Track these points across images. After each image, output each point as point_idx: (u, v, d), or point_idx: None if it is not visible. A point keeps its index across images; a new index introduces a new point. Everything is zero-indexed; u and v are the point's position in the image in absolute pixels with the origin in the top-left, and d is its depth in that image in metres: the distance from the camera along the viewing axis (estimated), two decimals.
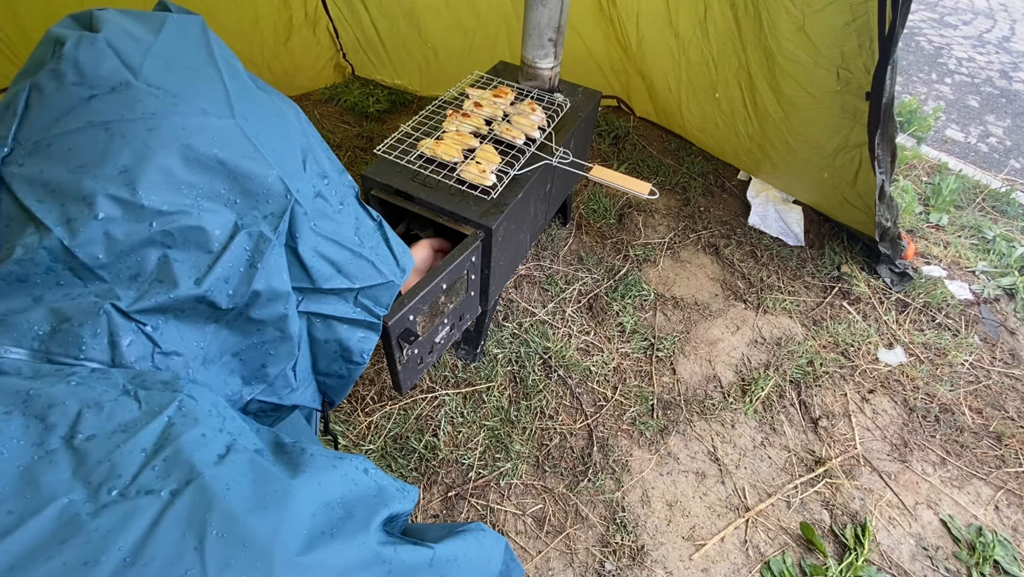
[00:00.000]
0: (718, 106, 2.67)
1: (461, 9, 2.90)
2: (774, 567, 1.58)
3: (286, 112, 0.94)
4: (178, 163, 0.76)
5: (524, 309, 2.18)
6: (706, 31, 2.45)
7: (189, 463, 0.58)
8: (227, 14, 2.77)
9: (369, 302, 1.03)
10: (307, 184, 0.91)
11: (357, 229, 1.01)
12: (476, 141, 1.72)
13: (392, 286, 1.05)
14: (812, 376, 2.06)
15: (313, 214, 0.92)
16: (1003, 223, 2.82)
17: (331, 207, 0.96)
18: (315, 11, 3.00)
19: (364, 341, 1.04)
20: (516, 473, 1.72)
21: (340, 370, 1.05)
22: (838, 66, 2.01)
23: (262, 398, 0.96)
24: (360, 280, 0.99)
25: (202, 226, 0.76)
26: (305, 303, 0.95)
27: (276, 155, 0.86)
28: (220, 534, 0.52)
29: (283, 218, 0.85)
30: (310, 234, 0.91)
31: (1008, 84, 4.25)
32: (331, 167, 1.00)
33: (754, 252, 2.53)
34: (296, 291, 0.92)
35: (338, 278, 0.96)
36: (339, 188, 1.01)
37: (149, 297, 0.72)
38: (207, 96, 0.81)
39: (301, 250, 0.89)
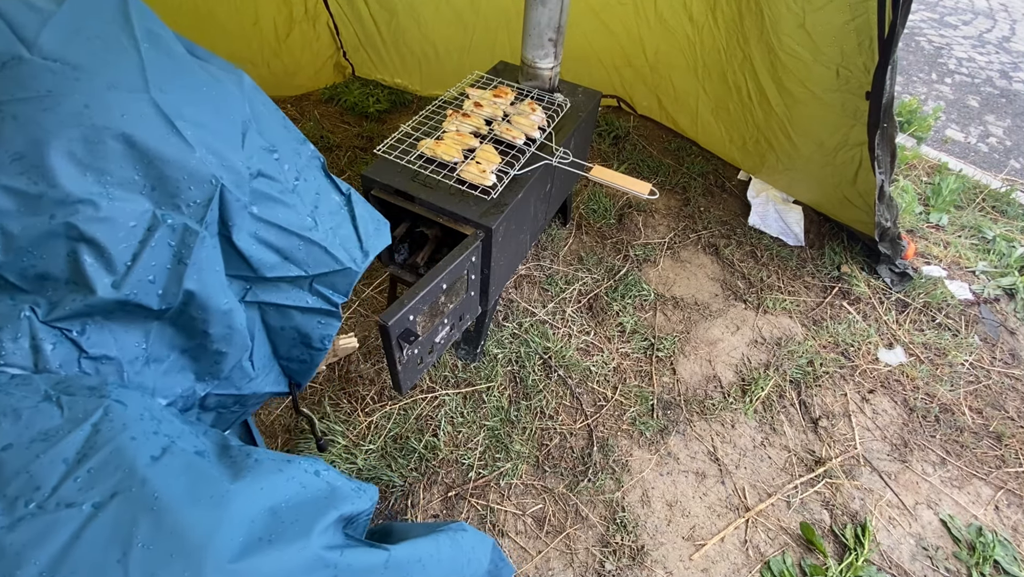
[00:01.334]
0: (731, 92, 2.64)
1: (461, 4, 2.90)
2: (774, 567, 1.58)
3: (223, 81, 0.84)
4: (80, 146, 0.67)
5: (524, 309, 2.18)
6: (715, 19, 2.45)
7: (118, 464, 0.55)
8: (227, 13, 2.77)
9: (326, 289, 0.96)
10: (243, 164, 0.81)
11: (315, 208, 0.93)
12: (476, 141, 1.72)
13: (350, 273, 0.96)
14: (812, 376, 2.06)
15: (252, 197, 0.83)
16: (1003, 223, 2.82)
17: (280, 185, 0.87)
18: (315, 7, 3.00)
19: (324, 327, 0.99)
20: (516, 473, 1.72)
21: (302, 355, 1.00)
22: (838, 64, 2.02)
23: (219, 392, 0.92)
24: (313, 267, 0.91)
25: (112, 217, 0.67)
26: (253, 292, 0.88)
27: (202, 132, 0.77)
28: (146, 545, 0.49)
29: (209, 206, 0.76)
30: (248, 220, 0.82)
31: (1008, 84, 4.24)
32: (285, 138, 0.90)
33: (754, 252, 2.53)
34: (241, 280, 0.85)
35: (285, 266, 0.88)
36: (295, 161, 0.91)
37: (64, 305, 0.66)
38: (117, 68, 0.71)
39: (237, 239, 0.81)
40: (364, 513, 0.79)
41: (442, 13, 2.94)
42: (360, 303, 2.14)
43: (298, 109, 3.09)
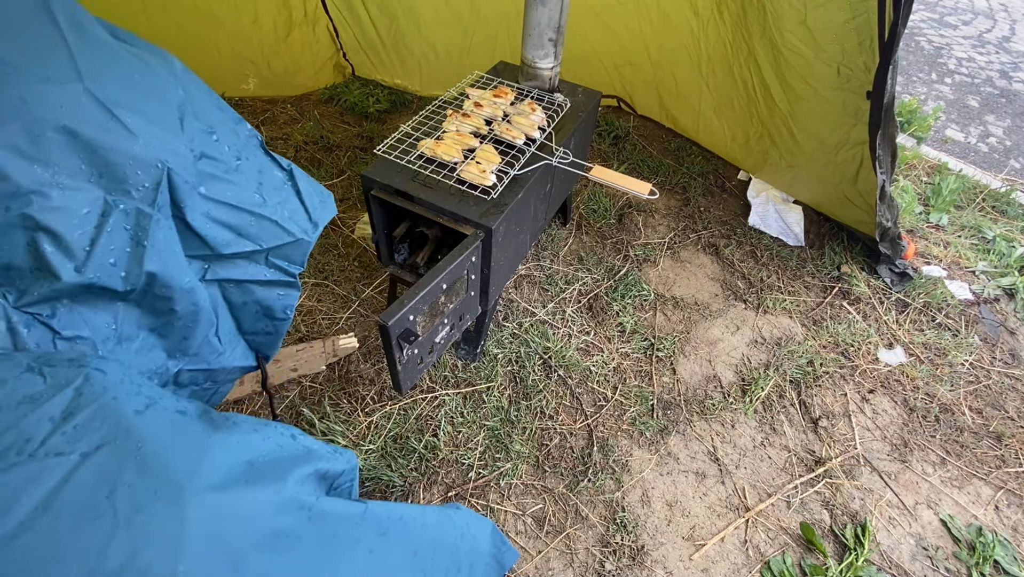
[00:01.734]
0: (736, 86, 2.63)
1: (461, 6, 2.90)
2: (774, 567, 1.58)
3: (155, 67, 0.86)
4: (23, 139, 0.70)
5: (524, 309, 2.18)
6: (721, 13, 2.45)
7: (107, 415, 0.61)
8: (227, 13, 2.77)
9: (281, 261, 1.00)
10: (185, 146, 0.85)
11: (260, 185, 0.96)
12: (476, 141, 1.72)
13: (303, 244, 1.01)
14: (812, 376, 2.06)
15: (199, 178, 0.86)
16: (1003, 223, 2.82)
17: (223, 165, 0.91)
18: (315, 11, 3.00)
19: (284, 298, 1.04)
20: (516, 473, 1.72)
21: (266, 328, 1.05)
22: (839, 63, 2.02)
23: (191, 367, 0.96)
24: (266, 241, 0.95)
25: (65, 206, 0.71)
26: (212, 270, 0.92)
27: (141, 119, 0.80)
28: (131, 485, 0.55)
29: (159, 190, 0.80)
30: (199, 200, 0.86)
31: (1008, 84, 4.24)
32: (222, 119, 0.94)
33: (754, 252, 2.53)
34: (199, 259, 0.90)
35: (240, 242, 0.92)
36: (233, 142, 0.95)
37: (32, 291, 0.71)
38: (47, 60, 0.74)
39: (191, 219, 0.85)
40: (344, 476, 0.82)
41: (442, 16, 2.94)
42: (360, 303, 2.14)
43: (298, 109, 3.09)
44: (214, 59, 2.86)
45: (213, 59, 2.86)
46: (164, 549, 0.53)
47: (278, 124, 2.96)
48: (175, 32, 2.70)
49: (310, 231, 1.03)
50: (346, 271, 2.25)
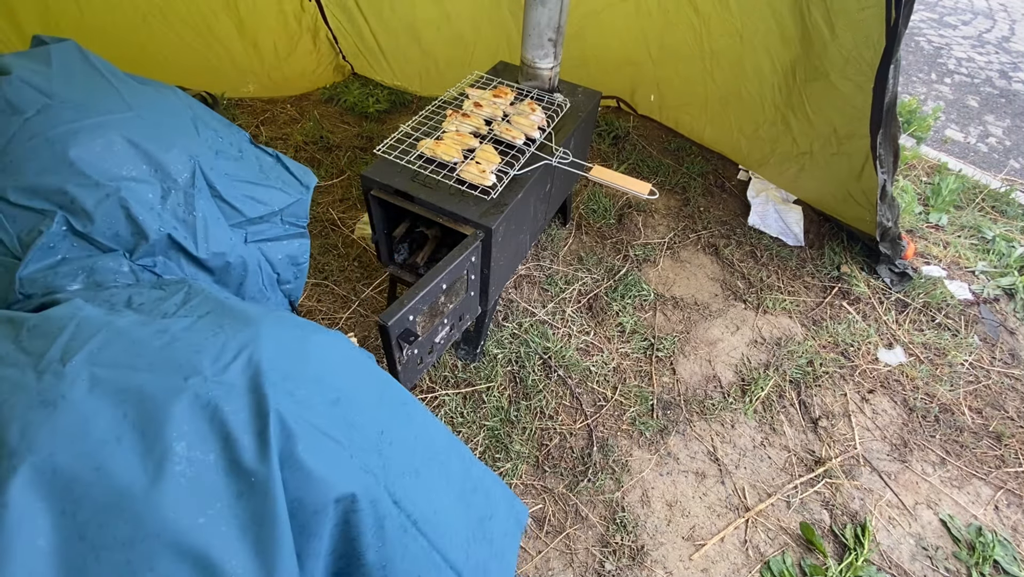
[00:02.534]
0: (747, 75, 2.61)
1: (462, 24, 2.90)
2: (774, 567, 1.58)
3: (168, 95, 1.27)
4: (105, 151, 1.05)
5: (524, 309, 2.18)
6: (727, 3, 2.44)
7: (207, 299, 0.95)
8: (226, 29, 2.77)
9: (292, 218, 1.39)
10: (204, 146, 1.23)
11: (260, 167, 1.34)
12: (476, 141, 1.72)
13: (303, 201, 1.40)
14: (812, 376, 2.06)
15: (221, 167, 1.24)
16: (1003, 223, 2.82)
17: (232, 156, 1.29)
18: (314, 23, 3.00)
19: (302, 247, 1.44)
20: (516, 473, 1.72)
21: (295, 275, 1.46)
22: (849, 51, 2.02)
23: None
24: (276, 203, 1.33)
25: (142, 192, 1.08)
26: (250, 235, 1.29)
27: (172, 130, 1.18)
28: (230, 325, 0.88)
29: (195, 176, 1.17)
30: (228, 181, 1.24)
31: (1008, 84, 4.25)
32: (220, 125, 1.33)
33: (754, 252, 2.53)
34: (238, 227, 1.27)
35: (260, 207, 1.29)
36: (234, 140, 1.33)
37: (138, 249, 1.10)
38: (106, 98, 1.12)
39: (226, 195, 1.23)
40: None
41: (443, 33, 2.95)
42: (360, 303, 2.14)
43: (298, 109, 3.09)
44: (214, 67, 2.87)
45: (213, 67, 2.87)
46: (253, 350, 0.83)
47: (278, 124, 2.96)
48: (176, 43, 2.71)
49: (304, 192, 1.40)
50: (346, 271, 2.25)
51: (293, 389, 0.82)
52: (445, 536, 0.97)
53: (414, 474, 0.95)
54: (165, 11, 2.61)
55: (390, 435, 0.94)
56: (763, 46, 2.45)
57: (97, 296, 0.96)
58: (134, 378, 0.76)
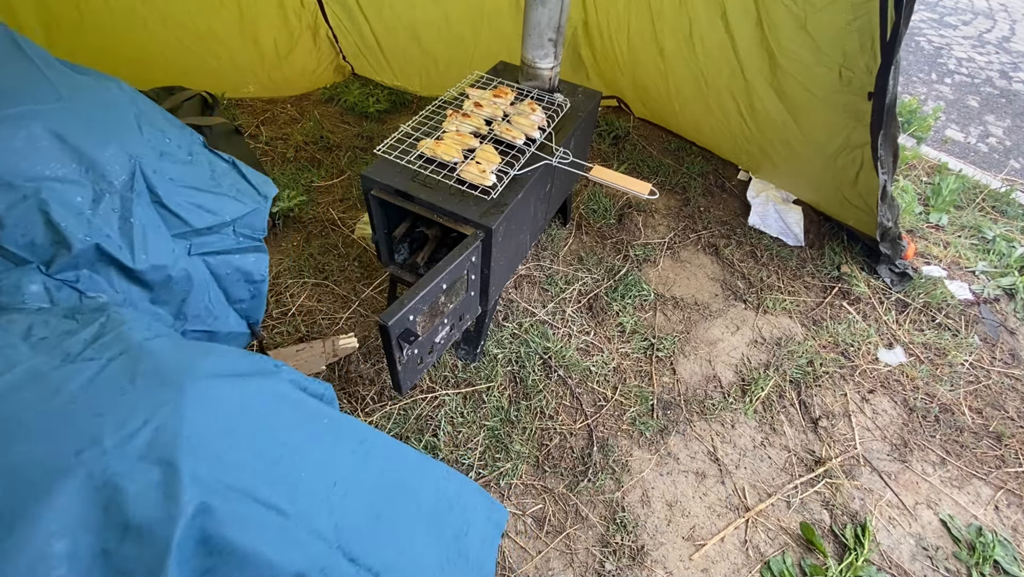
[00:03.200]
0: (712, 115, 2.67)
1: (462, 24, 2.90)
2: (774, 567, 1.58)
3: (109, 87, 1.12)
4: (27, 146, 0.92)
5: (524, 309, 2.18)
6: (692, 47, 2.45)
7: (123, 339, 0.81)
8: (227, 32, 2.77)
9: (246, 230, 1.25)
10: (147, 146, 1.09)
11: (213, 172, 1.21)
12: (476, 141, 1.72)
13: (259, 212, 1.26)
14: (812, 376, 2.06)
15: (166, 170, 1.10)
16: (1003, 223, 2.82)
17: (180, 160, 1.15)
18: (315, 21, 3.00)
19: (258, 262, 1.28)
20: (516, 473, 1.72)
21: (251, 292, 1.30)
22: (840, 65, 2.02)
23: (193, 328, 1.18)
24: (228, 213, 1.19)
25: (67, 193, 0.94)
26: (195, 247, 1.16)
27: (110, 126, 1.04)
28: (145, 375, 0.75)
29: (134, 179, 1.03)
30: (171, 187, 1.10)
31: (1008, 84, 4.24)
32: (169, 125, 1.18)
33: (754, 252, 2.53)
34: (182, 237, 1.13)
35: (208, 216, 1.16)
36: (183, 142, 1.19)
37: (58, 260, 0.95)
38: (36, 87, 0.99)
39: (167, 201, 1.09)
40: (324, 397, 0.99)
41: (443, 34, 2.95)
42: (360, 303, 2.14)
43: (298, 109, 3.09)
44: (214, 69, 2.87)
45: (213, 68, 2.86)
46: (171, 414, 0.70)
47: (278, 124, 2.96)
48: (175, 46, 2.71)
49: (262, 203, 1.27)
50: (346, 271, 2.25)
51: (222, 454, 0.70)
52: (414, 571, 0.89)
53: (374, 520, 0.86)
54: (165, 12, 2.62)
55: (344, 485, 0.83)
56: (728, 87, 2.48)
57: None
58: (8, 453, 0.61)
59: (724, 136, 2.76)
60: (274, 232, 2.38)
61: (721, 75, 2.45)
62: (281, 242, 2.35)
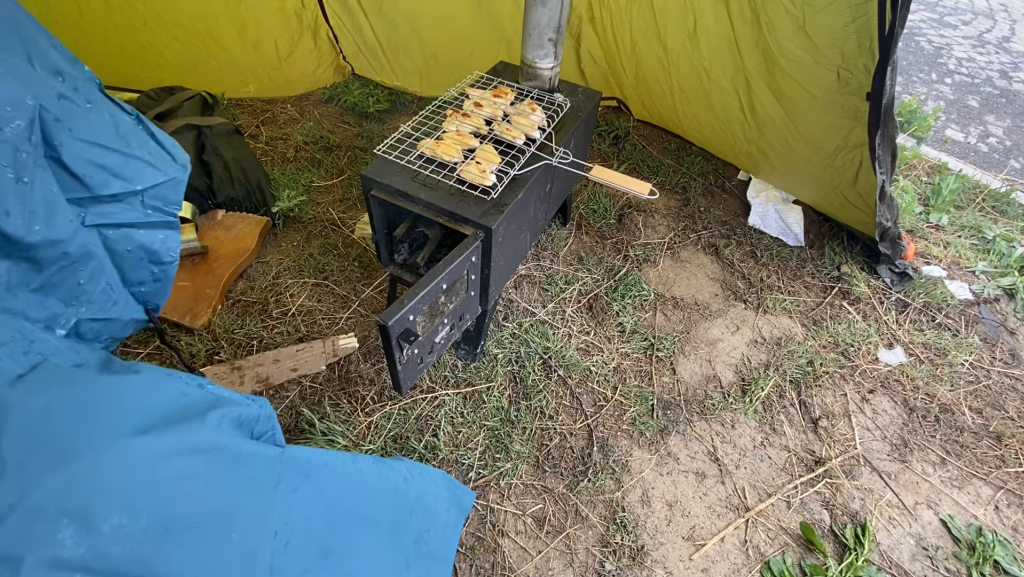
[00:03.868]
0: (713, 114, 2.67)
1: (462, 23, 2.90)
2: (774, 567, 1.58)
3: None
4: None
5: (524, 309, 2.18)
6: (696, 42, 2.45)
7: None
8: (227, 36, 2.78)
9: (158, 202, 1.02)
10: (43, 85, 0.84)
11: (117, 127, 0.97)
12: (476, 141, 1.72)
13: (176, 182, 1.03)
14: (812, 376, 2.06)
15: (65, 117, 0.86)
16: (1003, 223, 2.82)
17: (79, 107, 0.90)
18: (315, 20, 3.00)
19: (168, 240, 1.05)
20: (516, 473, 1.72)
21: (154, 274, 1.06)
22: (838, 66, 2.01)
23: (91, 316, 0.96)
24: (140, 181, 0.96)
25: None
26: (90, 216, 0.92)
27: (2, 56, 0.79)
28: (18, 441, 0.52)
29: (32, 127, 0.80)
30: (69, 140, 0.86)
31: (1008, 84, 4.24)
32: (62, 60, 0.93)
33: (754, 252, 2.53)
34: (75, 204, 0.89)
35: (115, 182, 0.93)
36: (80, 84, 0.95)
37: None
38: None
39: (66, 159, 0.85)
40: (261, 421, 0.82)
41: (444, 30, 2.95)
42: (360, 303, 2.14)
43: (298, 109, 3.09)
44: (214, 68, 2.87)
45: (213, 68, 2.87)
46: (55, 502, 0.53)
47: (278, 124, 2.96)
48: (175, 46, 2.71)
49: (181, 171, 1.04)
50: (346, 271, 2.25)
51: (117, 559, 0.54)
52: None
53: (323, 557, 0.79)
54: (166, 11, 2.62)
55: (286, 532, 0.74)
56: (732, 83, 2.47)
57: None
58: None
59: (724, 136, 2.76)
60: (274, 232, 2.38)
61: (725, 71, 2.45)
62: (281, 242, 2.35)
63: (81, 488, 0.54)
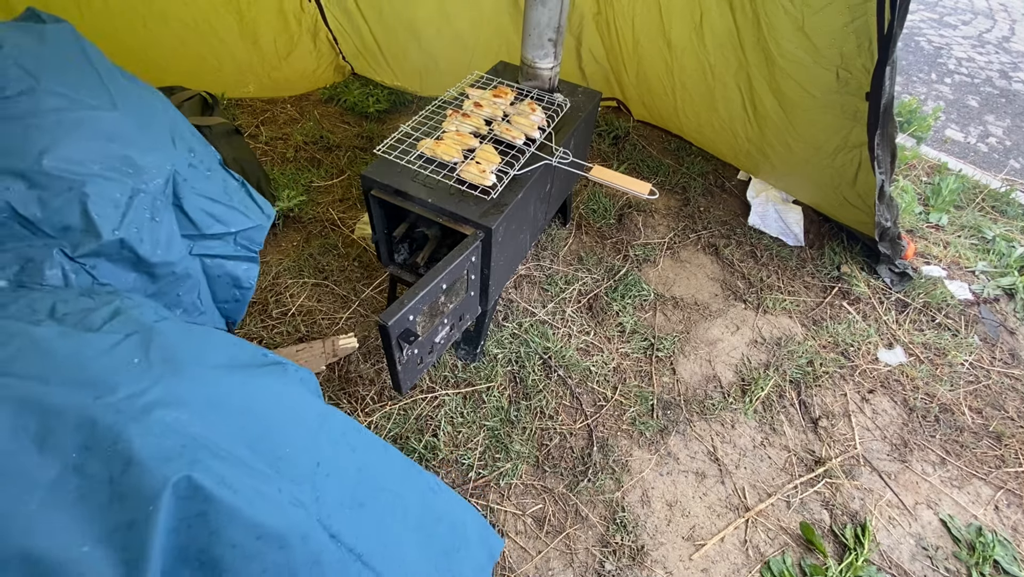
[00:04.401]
0: (715, 111, 2.67)
1: (461, 24, 2.90)
2: (774, 567, 1.58)
3: (153, 102, 1.29)
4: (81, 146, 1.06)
5: (524, 309, 2.18)
6: (702, 37, 2.44)
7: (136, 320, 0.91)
8: (227, 32, 2.77)
9: (246, 242, 1.40)
10: (179, 158, 1.24)
11: (225, 188, 1.37)
12: (476, 141, 1.72)
13: (260, 228, 1.42)
14: (812, 376, 2.06)
15: (190, 179, 1.25)
16: (1003, 223, 2.82)
17: (202, 174, 1.31)
18: (314, 23, 3.00)
19: (249, 271, 1.43)
20: (516, 473, 1.72)
21: (235, 296, 1.43)
22: (837, 66, 2.01)
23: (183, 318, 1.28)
24: (235, 225, 1.36)
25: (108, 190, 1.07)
26: (196, 248, 1.31)
27: (153, 137, 1.19)
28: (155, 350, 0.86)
29: (168, 184, 1.18)
30: (191, 194, 1.25)
31: (1008, 84, 4.25)
32: (196, 142, 1.34)
33: (754, 252, 2.53)
34: (187, 239, 1.27)
35: (217, 225, 1.32)
36: (206, 159, 1.35)
37: (83, 246, 1.07)
38: (94, 94, 1.13)
39: (186, 207, 1.25)
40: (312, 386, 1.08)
41: (443, 33, 2.95)
42: (360, 303, 2.14)
43: (298, 109, 3.09)
44: (214, 68, 2.87)
45: (213, 68, 2.86)
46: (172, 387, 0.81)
47: (278, 124, 2.96)
48: (175, 46, 2.71)
49: (265, 220, 1.43)
50: (346, 271, 2.25)
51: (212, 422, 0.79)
52: (400, 570, 0.92)
53: (357, 506, 0.90)
54: (166, 12, 2.61)
55: (327, 466, 0.89)
56: (735, 80, 2.47)
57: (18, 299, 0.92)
58: (42, 391, 0.73)
59: (725, 136, 2.76)
60: (274, 232, 2.38)
61: (729, 67, 2.44)
62: (281, 242, 2.35)
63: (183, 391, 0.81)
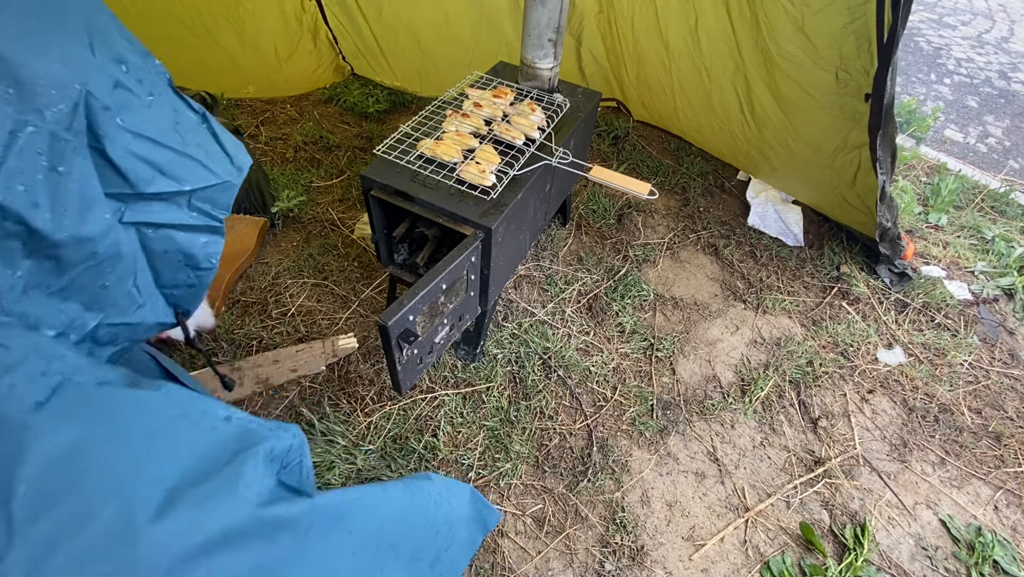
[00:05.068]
0: (713, 113, 2.67)
1: (461, 24, 2.90)
2: (774, 567, 1.58)
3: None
4: None
5: (524, 309, 2.18)
6: (697, 40, 2.45)
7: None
8: (226, 31, 2.77)
9: (206, 205, 0.92)
10: (100, 72, 0.76)
11: (177, 124, 0.88)
12: (476, 141, 1.72)
13: (229, 186, 0.93)
14: (812, 376, 2.06)
15: (119, 108, 0.78)
16: (1002, 223, 2.82)
17: (138, 99, 0.82)
18: (314, 23, 3.00)
19: (209, 246, 0.95)
20: (516, 473, 1.72)
21: (188, 279, 0.97)
22: (837, 67, 2.02)
23: (110, 321, 0.87)
24: (190, 181, 0.87)
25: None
26: (130, 213, 0.82)
27: (52, 36, 0.72)
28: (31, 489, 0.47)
29: (76, 113, 0.71)
30: (118, 131, 0.77)
31: (1007, 84, 4.25)
32: (130, 51, 0.85)
33: (753, 252, 2.53)
34: (115, 199, 0.79)
35: (162, 180, 0.83)
36: (145, 76, 0.86)
37: None
38: None
39: (110, 151, 0.76)
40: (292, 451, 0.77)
41: (443, 35, 2.95)
42: (360, 303, 2.14)
43: (298, 109, 3.09)
44: (214, 69, 2.87)
45: (213, 68, 2.86)
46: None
47: (278, 124, 2.96)
48: (175, 45, 2.71)
49: (235, 174, 0.96)
50: (346, 271, 2.25)
51: None
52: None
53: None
54: (166, 12, 2.61)
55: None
56: (732, 82, 2.47)
57: None
58: None
59: (724, 136, 2.76)
60: (274, 232, 2.38)
61: (725, 70, 2.45)
62: (281, 242, 2.35)
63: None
